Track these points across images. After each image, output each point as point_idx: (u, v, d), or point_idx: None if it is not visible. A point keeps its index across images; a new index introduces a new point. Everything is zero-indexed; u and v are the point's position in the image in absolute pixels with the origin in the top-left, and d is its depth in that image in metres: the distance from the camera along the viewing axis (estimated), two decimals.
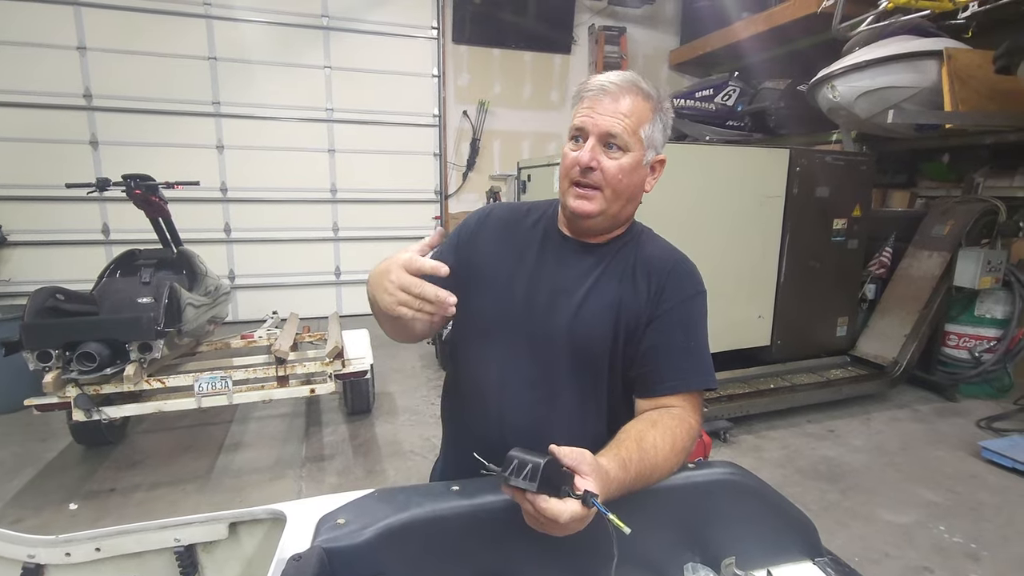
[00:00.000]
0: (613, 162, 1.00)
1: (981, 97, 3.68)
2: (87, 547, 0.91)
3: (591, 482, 0.76)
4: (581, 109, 1.02)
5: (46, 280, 3.67)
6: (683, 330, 1.06)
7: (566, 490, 0.74)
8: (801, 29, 5.18)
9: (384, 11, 5.90)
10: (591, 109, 1.01)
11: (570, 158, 1.02)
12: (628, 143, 1.00)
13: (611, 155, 1.01)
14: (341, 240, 6.15)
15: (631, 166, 1.02)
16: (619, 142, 1.00)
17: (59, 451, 3.08)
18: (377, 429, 3.42)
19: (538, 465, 0.72)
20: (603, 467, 0.80)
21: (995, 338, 3.91)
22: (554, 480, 0.74)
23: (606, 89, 1.00)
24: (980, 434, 3.38)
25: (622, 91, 1.00)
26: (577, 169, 1.01)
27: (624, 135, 0.99)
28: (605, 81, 1.01)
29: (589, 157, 0.99)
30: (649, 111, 1.02)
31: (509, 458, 0.75)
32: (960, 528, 2.45)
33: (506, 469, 0.74)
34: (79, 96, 5.07)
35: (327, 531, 0.79)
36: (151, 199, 3.12)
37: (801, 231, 3.68)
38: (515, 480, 0.73)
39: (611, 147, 1.00)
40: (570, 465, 0.77)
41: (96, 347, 2.41)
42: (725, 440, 3.26)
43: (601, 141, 1.00)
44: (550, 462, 0.73)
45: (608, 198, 1.03)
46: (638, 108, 1.01)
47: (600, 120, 0.99)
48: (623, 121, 0.99)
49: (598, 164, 1.00)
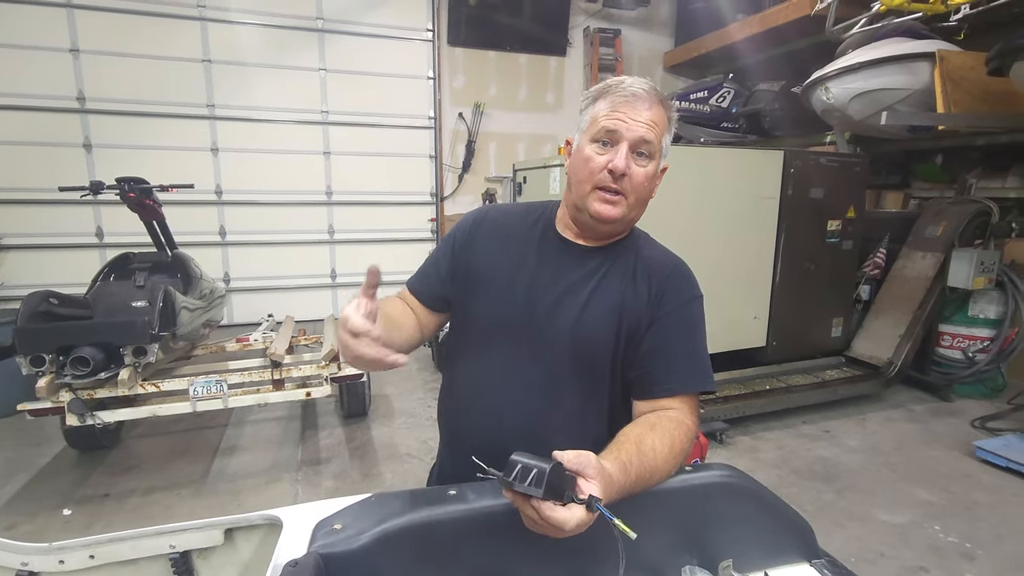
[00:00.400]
0: (641, 170, 1.00)
1: (973, 99, 3.71)
2: (81, 554, 0.91)
3: (595, 485, 0.75)
4: (611, 113, 1.00)
5: (39, 284, 3.66)
6: (682, 333, 1.06)
7: (570, 495, 0.73)
8: (795, 31, 5.21)
9: (379, 13, 5.90)
10: (624, 114, 0.99)
11: (599, 162, 1.00)
12: (654, 151, 1.01)
13: (639, 162, 1.00)
14: (337, 243, 6.14)
15: (654, 173, 1.03)
16: (649, 150, 1.00)
17: (53, 456, 3.06)
18: (373, 432, 3.41)
19: (543, 471, 0.71)
20: (606, 470, 0.79)
21: (988, 338, 3.93)
22: (558, 485, 0.73)
23: (638, 96, 0.99)
24: (974, 434, 3.39)
25: (651, 99, 1.00)
26: (606, 174, 1.00)
27: (655, 142, 1.00)
28: (636, 88, 1.00)
29: (625, 164, 0.98)
30: (667, 121, 1.03)
31: (512, 463, 0.73)
32: (955, 528, 2.47)
33: (509, 474, 0.73)
34: (72, 99, 5.04)
35: (323, 536, 0.79)
36: (145, 202, 3.10)
37: (796, 232, 3.69)
38: (519, 486, 0.71)
39: (640, 155, 1.00)
40: (575, 469, 0.76)
41: (90, 351, 2.39)
42: (721, 441, 3.27)
43: (632, 148, 0.99)
44: (555, 468, 0.72)
45: (631, 204, 1.03)
46: (661, 117, 1.01)
47: (635, 127, 0.98)
48: (654, 128, 0.99)
49: (630, 170, 0.99)
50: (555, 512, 0.72)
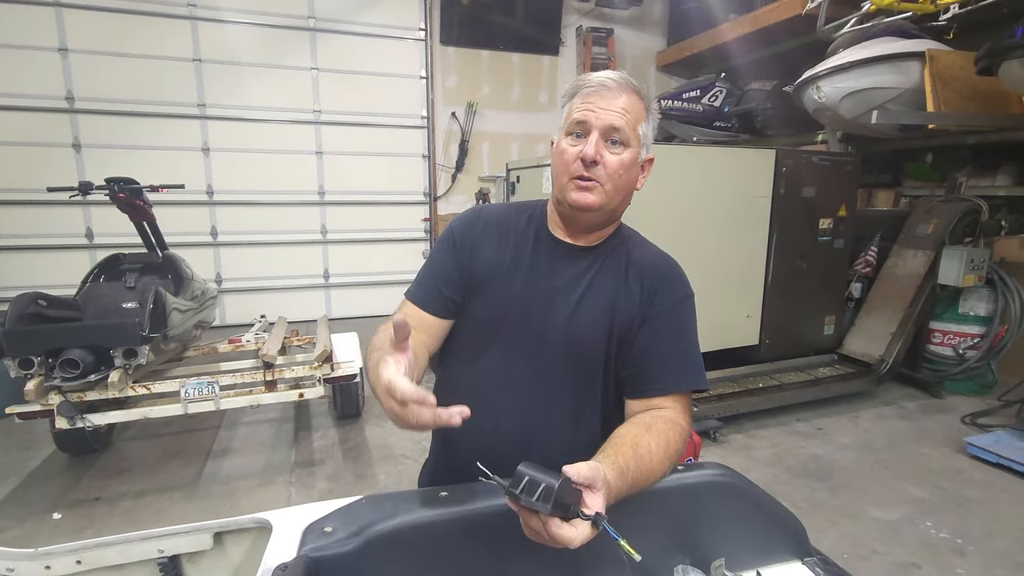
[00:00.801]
0: (615, 157, 1.01)
1: (963, 98, 3.74)
2: (67, 559, 0.89)
3: (600, 498, 0.75)
4: (580, 104, 1.02)
5: (28, 286, 3.62)
6: (674, 332, 1.07)
7: (575, 510, 0.72)
8: (786, 31, 5.23)
9: (371, 12, 5.87)
10: (593, 103, 1.00)
11: (571, 152, 1.02)
12: (629, 138, 1.01)
13: (613, 150, 1.01)
14: (330, 243, 6.11)
15: (631, 161, 1.03)
16: (621, 137, 1.00)
17: (42, 460, 3.02)
18: (367, 433, 3.40)
19: (552, 487, 0.69)
20: (609, 481, 0.79)
21: (979, 335, 3.96)
22: (566, 501, 0.71)
23: (606, 85, 1.01)
24: (965, 430, 3.42)
25: (620, 88, 1.01)
26: (579, 164, 1.00)
27: (626, 129, 1.00)
28: (604, 77, 1.02)
29: (595, 150, 0.99)
30: (643, 109, 1.04)
31: (519, 474, 0.71)
32: (946, 523, 2.48)
33: (515, 486, 0.71)
34: (61, 98, 4.99)
35: (313, 540, 0.78)
36: (135, 203, 3.08)
37: (788, 231, 3.71)
38: (526, 500, 0.70)
39: (613, 142, 1.01)
40: (585, 482, 0.75)
41: (80, 353, 2.37)
42: (715, 439, 3.28)
43: (604, 136, 1.00)
44: (564, 483, 0.70)
45: (609, 192, 1.03)
46: (635, 105, 1.02)
47: (603, 114, 0.99)
48: (624, 116, 1.00)
49: (602, 158, 1.00)
50: (562, 530, 0.70)
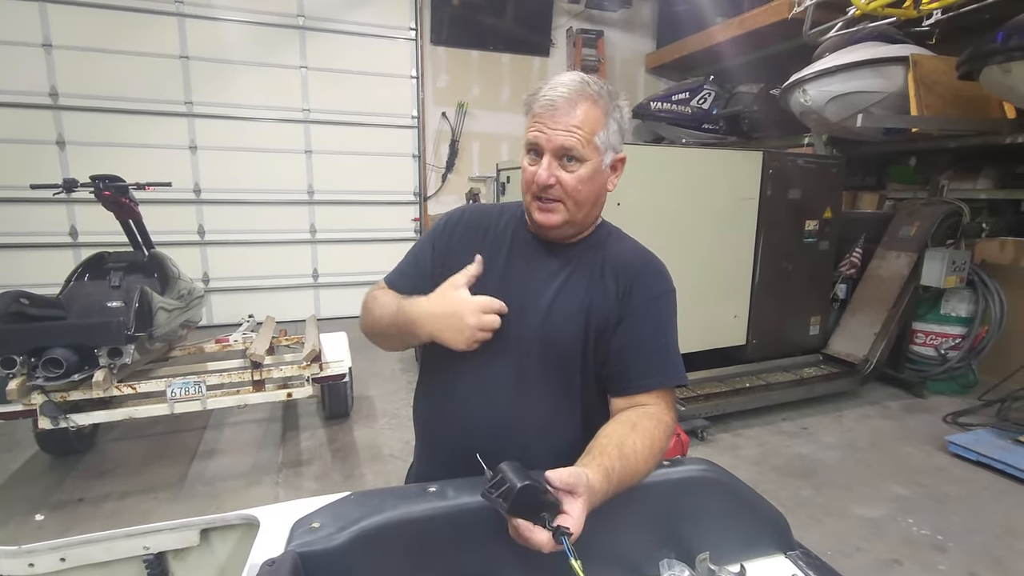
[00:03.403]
0: (571, 175, 1.00)
1: (945, 102, 3.80)
2: (51, 557, 0.89)
3: (581, 504, 0.76)
4: (532, 124, 1.01)
5: (11, 284, 3.55)
6: (654, 328, 1.07)
7: (545, 517, 0.73)
8: (774, 34, 5.29)
9: (361, 11, 5.85)
10: (544, 124, 0.99)
11: (528, 173, 1.03)
12: (583, 154, 0.99)
13: (569, 168, 1.00)
14: (319, 242, 6.08)
15: (589, 175, 1.02)
16: (575, 154, 0.99)
17: (24, 461, 2.98)
18: (356, 433, 3.38)
19: (512, 488, 0.71)
20: (592, 486, 0.80)
21: (960, 336, 4.03)
22: (533, 505, 0.73)
23: (554, 104, 0.98)
24: (946, 429, 3.48)
25: (571, 102, 0.98)
26: (536, 186, 1.01)
27: (578, 147, 0.98)
28: (553, 95, 0.98)
29: (547, 175, 0.99)
30: (601, 116, 1.00)
31: (497, 470, 0.74)
32: (928, 521, 2.52)
33: (491, 480, 0.73)
34: (44, 95, 4.92)
35: (301, 535, 0.78)
36: (121, 201, 3.04)
37: (774, 232, 3.75)
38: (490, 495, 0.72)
39: (569, 159, 1.00)
40: (566, 488, 0.76)
41: (63, 353, 2.33)
42: (703, 438, 3.30)
43: (556, 156, 1.00)
44: (525, 488, 0.72)
45: (571, 208, 1.03)
46: (590, 116, 0.99)
47: (554, 136, 0.98)
48: (576, 133, 0.97)
49: (556, 180, 1.00)
50: (533, 534, 0.74)
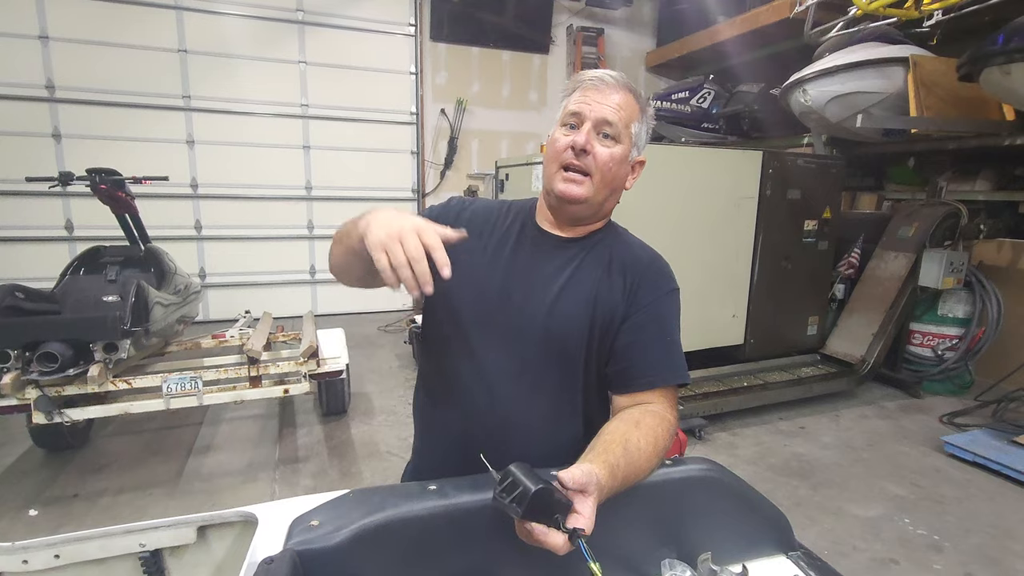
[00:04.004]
0: (606, 150, 1.02)
1: (945, 104, 3.80)
2: (46, 554, 0.87)
3: (592, 502, 0.76)
4: (577, 97, 1.04)
5: (5, 278, 3.53)
6: (659, 327, 1.07)
7: (558, 519, 0.72)
8: (775, 34, 5.29)
9: (361, 7, 5.83)
10: (589, 97, 1.03)
11: (563, 141, 1.03)
12: (621, 134, 1.03)
13: (604, 143, 1.03)
14: (316, 238, 6.06)
15: (621, 157, 1.04)
16: (613, 131, 1.02)
17: (18, 456, 2.96)
18: (353, 430, 3.37)
19: (527, 492, 0.70)
20: (601, 483, 0.79)
21: (957, 336, 4.04)
22: (546, 508, 0.72)
23: (604, 80, 1.04)
24: (943, 429, 3.49)
25: (618, 85, 1.04)
26: (570, 152, 1.02)
27: (619, 124, 1.02)
28: (603, 73, 1.05)
29: (585, 139, 1.01)
30: (638, 110, 1.06)
31: (506, 472, 0.73)
32: (924, 520, 2.53)
33: (501, 482, 0.72)
34: (41, 87, 4.89)
35: (300, 533, 0.77)
36: (117, 194, 3.02)
37: (774, 232, 3.75)
38: (502, 499, 0.71)
39: (605, 135, 1.03)
40: (578, 487, 0.75)
41: (58, 347, 2.31)
42: (701, 438, 3.31)
43: (596, 128, 1.02)
44: (541, 491, 0.70)
45: (596, 185, 1.04)
46: (630, 104, 1.04)
47: (597, 108, 1.02)
48: (618, 112, 1.02)
49: (592, 148, 1.01)
50: (549, 537, 0.73)
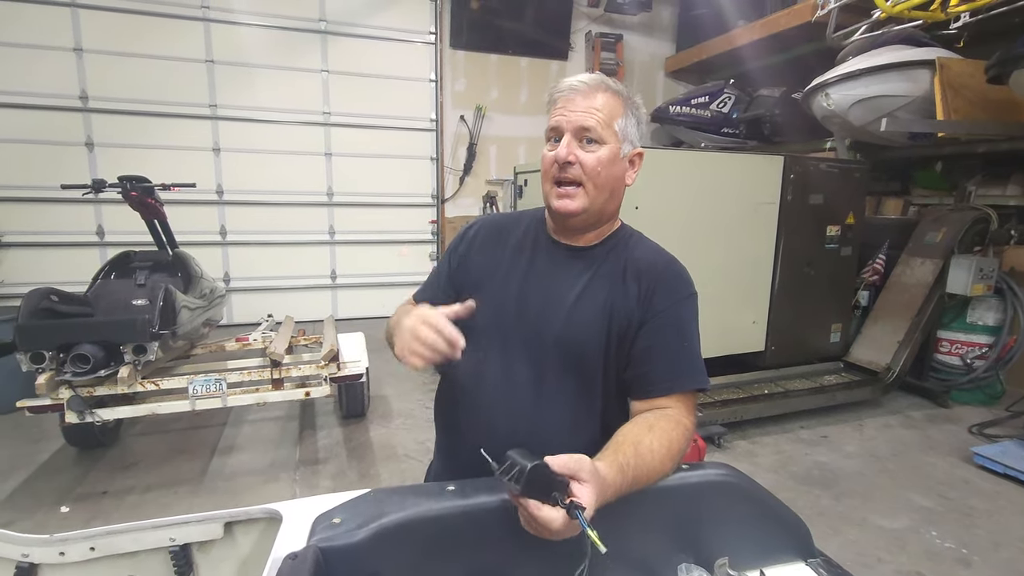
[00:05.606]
0: (591, 155, 1.03)
1: (973, 106, 3.72)
2: (81, 546, 0.91)
3: (589, 489, 0.77)
4: (554, 111, 1.06)
5: (40, 282, 3.65)
6: (676, 332, 1.07)
7: (556, 497, 0.75)
8: (796, 37, 5.23)
9: (382, 16, 5.92)
10: (564, 108, 1.04)
11: (549, 157, 1.05)
12: (603, 135, 1.03)
13: (588, 149, 1.03)
14: (337, 243, 6.15)
15: (609, 158, 1.04)
16: (594, 135, 1.03)
17: (51, 453, 3.06)
18: (372, 433, 3.41)
19: (524, 468, 0.74)
20: (601, 473, 0.80)
21: (987, 345, 3.93)
22: (544, 486, 0.75)
23: (576, 88, 1.04)
24: (972, 440, 3.40)
25: (592, 89, 1.04)
26: (556, 166, 1.04)
27: (598, 127, 1.02)
28: (574, 81, 1.06)
29: (567, 152, 1.02)
30: (620, 106, 1.06)
31: (505, 457, 0.77)
32: (952, 533, 2.47)
33: (501, 466, 0.76)
34: (75, 97, 5.06)
35: (323, 530, 0.80)
36: (147, 201, 3.11)
37: (795, 238, 3.70)
38: (502, 479, 0.75)
39: (588, 141, 1.03)
40: (567, 472, 0.77)
41: (90, 349, 2.39)
42: (720, 445, 3.27)
43: (577, 136, 1.03)
44: (536, 467, 0.75)
45: (590, 193, 1.05)
46: (609, 103, 1.04)
47: (573, 116, 1.03)
48: (595, 115, 1.02)
49: (576, 158, 1.02)
50: (541, 511, 0.75)
